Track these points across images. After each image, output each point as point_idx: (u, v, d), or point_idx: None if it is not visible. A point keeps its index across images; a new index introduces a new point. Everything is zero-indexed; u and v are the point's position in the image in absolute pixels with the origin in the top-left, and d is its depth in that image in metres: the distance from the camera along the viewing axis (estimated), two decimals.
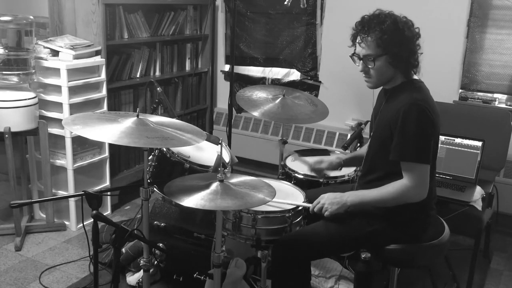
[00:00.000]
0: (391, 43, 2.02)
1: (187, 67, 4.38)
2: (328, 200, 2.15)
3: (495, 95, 3.68)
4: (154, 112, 2.68)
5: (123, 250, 2.85)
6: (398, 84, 2.13)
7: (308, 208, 2.23)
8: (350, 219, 2.17)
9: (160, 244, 2.56)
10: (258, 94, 2.95)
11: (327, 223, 2.18)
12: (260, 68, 4.49)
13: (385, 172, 2.12)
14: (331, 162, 2.53)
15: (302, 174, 2.67)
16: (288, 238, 2.18)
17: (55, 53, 3.28)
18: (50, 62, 3.24)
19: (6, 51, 3.13)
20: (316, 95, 4.19)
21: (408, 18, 2.11)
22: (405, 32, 2.04)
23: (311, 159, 2.67)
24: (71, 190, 3.35)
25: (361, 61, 2.10)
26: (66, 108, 3.22)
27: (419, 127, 1.99)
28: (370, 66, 2.08)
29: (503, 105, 3.62)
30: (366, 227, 2.14)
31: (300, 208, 2.26)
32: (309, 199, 2.29)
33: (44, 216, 3.45)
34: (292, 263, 2.15)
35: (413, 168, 2.02)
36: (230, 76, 3.84)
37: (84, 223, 3.10)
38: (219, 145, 2.14)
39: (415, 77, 2.15)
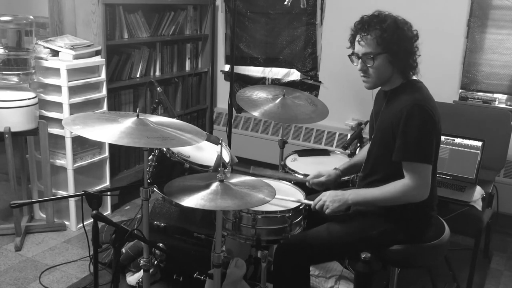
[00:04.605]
0: (391, 41, 2.02)
1: (187, 67, 4.38)
2: (329, 198, 2.15)
3: (495, 95, 3.68)
4: (154, 112, 2.68)
5: (123, 250, 2.85)
6: (397, 86, 2.13)
7: (309, 206, 2.23)
8: (352, 222, 2.17)
9: (160, 244, 2.56)
10: (258, 94, 2.95)
11: (330, 227, 2.18)
12: (260, 68, 4.49)
13: (387, 173, 2.12)
14: (329, 174, 2.45)
15: (302, 175, 2.66)
16: (291, 243, 2.17)
17: (55, 53, 3.28)
18: (50, 62, 3.24)
19: (6, 51, 3.12)
20: (316, 95, 4.19)
21: (408, 18, 2.12)
22: (405, 32, 2.05)
23: (310, 175, 2.54)
24: (71, 190, 3.35)
25: (360, 60, 2.10)
26: (66, 108, 3.22)
27: (422, 127, 1.99)
28: (369, 65, 2.08)
29: (503, 105, 3.62)
30: (369, 230, 2.14)
31: (301, 207, 2.26)
32: (310, 198, 2.29)
33: (44, 216, 3.45)
34: (295, 267, 2.15)
35: (415, 168, 2.02)
36: (230, 76, 3.84)
37: (84, 223, 3.09)
38: (219, 145, 2.14)
39: (414, 77, 2.15)
